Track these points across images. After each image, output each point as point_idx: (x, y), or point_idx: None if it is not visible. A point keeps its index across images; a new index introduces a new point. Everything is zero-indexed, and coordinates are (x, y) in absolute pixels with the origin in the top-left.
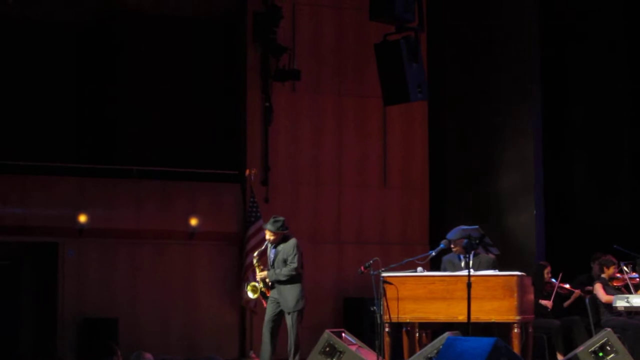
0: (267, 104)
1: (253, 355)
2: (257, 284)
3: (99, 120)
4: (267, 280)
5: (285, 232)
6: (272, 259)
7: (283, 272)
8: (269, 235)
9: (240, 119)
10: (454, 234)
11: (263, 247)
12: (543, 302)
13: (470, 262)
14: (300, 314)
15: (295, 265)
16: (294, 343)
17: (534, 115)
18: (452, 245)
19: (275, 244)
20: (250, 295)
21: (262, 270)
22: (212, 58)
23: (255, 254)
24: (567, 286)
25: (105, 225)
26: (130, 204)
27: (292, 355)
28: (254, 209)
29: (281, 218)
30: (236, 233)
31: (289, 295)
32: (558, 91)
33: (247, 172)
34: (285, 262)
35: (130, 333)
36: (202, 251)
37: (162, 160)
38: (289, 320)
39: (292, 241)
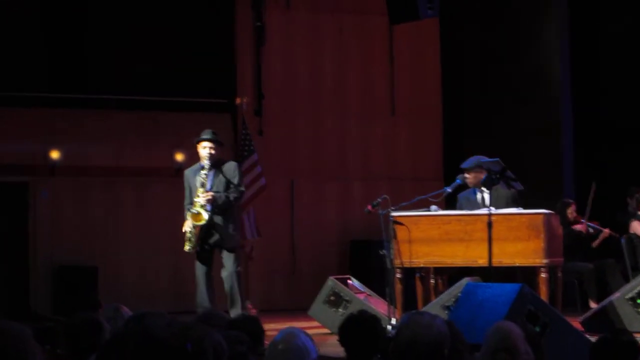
0: (259, 24)
1: (250, 306)
2: (198, 211)
3: (69, 44)
4: (214, 202)
5: None
6: (210, 183)
7: (233, 192)
8: (211, 150)
9: (228, 40)
10: (469, 162)
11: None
12: (577, 227)
13: (487, 196)
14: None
15: (243, 188)
16: (239, 289)
17: (560, 27)
18: (465, 175)
19: (212, 163)
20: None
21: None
22: None
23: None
24: (596, 224)
25: (80, 162)
26: (108, 138)
27: (236, 306)
28: (247, 142)
29: None
30: None
31: (230, 227)
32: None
33: (238, 100)
34: (228, 185)
35: (110, 283)
36: None
37: (142, 89)
38: (228, 261)
39: (233, 162)
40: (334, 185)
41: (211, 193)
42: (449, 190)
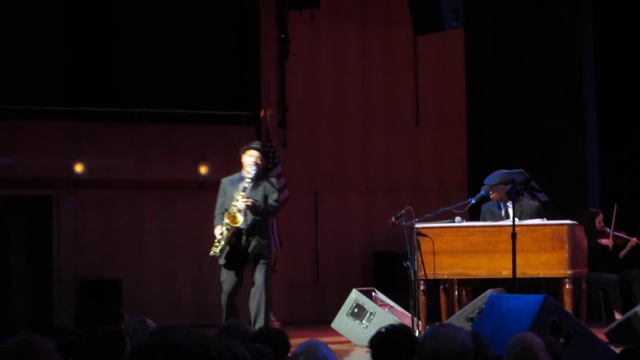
0: (283, 36)
1: (273, 319)
2: (235, 213)
3: (95, 58)
4: (252, 208)
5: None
6: (248, 193)
7: (270, 204)
8: (257, 160)
9: (253, 53)
10: (492, 178)
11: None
12: (603, 241)
13: (511, 210)
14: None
15: (279, 204)
16: (266, 303)
17: (586, 39)
18: (490, 192)
19: (255, 174)
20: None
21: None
22: None
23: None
24: (623, 234)
25: (104, 175)
26: (132, 152)
27: (260, 320)
28: (272, 154)
29: None
30: None
31: (265, 238)
32: (613, 23)
33: (262, 113)
34: (265, 200)
35: (134, 296)
36: (213, 202)
37: (167, 102)
38: (260, 273)
39: (273, 179)
40: (358, 196)
41: (251, 199)
42: (472, 201)
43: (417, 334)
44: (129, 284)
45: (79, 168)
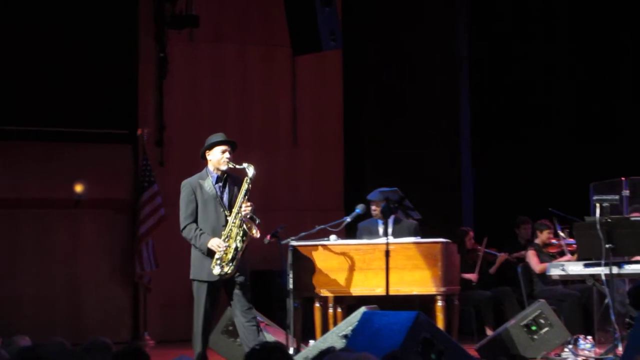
0: (162, 55)
1: (147, 337)
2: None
3: None
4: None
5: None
6: (228, 195)
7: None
8: (230, 154)
9: (131, 71)
10: (374, 195)
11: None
12: (467, 276)
13: (390, 229)
14: None
15: None
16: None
17: (459, 64)
18: (372, 207)
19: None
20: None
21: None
22: (100, 2)
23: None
24: (492, 252)
25: None
26: (8, 170)
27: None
28: (147, 173)
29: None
30: (127, 200)
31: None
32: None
33: (139, 131)
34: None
35: (8, 315)
36: (90, 221)
37: (44, 120)
38: (248, 293)
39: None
40: None
41: (252, 204)
42: (348, 219)
43: (291, 351)
44: (3, 303)
45: None
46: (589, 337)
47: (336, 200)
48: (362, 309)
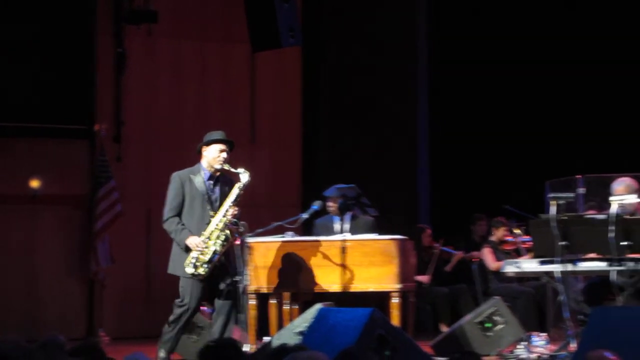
0: (120, 50)
1: (102, 334)
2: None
3: None
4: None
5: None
6: (218, 194)
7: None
8: (226, 154)
9: (89, 67)
10: (331, 191)
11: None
12: (419, 278)
13: (347, 225)
14: None
15: None
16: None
17: (418, 63)
18: (328, 204)
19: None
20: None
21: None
22: None
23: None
24: (449, 250)
25: None
26: None
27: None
28: (105, 169)
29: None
30: (84, 196)
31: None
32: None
33: (97, 127)
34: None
35: None
36: (46, 217)
37: (0, 115)
38: (234, 291)
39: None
40: None
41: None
42: (305, 216)
43: (247, 347)
44: None
45: None
46: (543, 334)
47: (293, 197)
48: (318, 306)
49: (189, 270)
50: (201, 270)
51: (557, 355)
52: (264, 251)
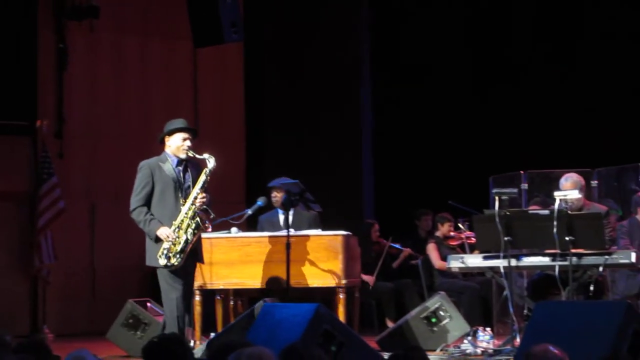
0: (61, 46)
1: (47, 331)
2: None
3: None
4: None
5: None
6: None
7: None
8: (190, 142)
9: (30, 62)
10: (276, 182)
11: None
12: (365, 277)
13: (290, 219)
14: None
15: None
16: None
17: (362, 59)
18: (272, 194)
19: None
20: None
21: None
22: None
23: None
24: (397, 246)
25: None
26: None
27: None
28: (47, 165)
29: None
30: (27, 192)
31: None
32: (388, 39)
33: (39, 123)
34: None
35: None
36: None
37: None
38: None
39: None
40: None
41: (207, 196)
42: (249, 212)
43: (192, 343)
44: None
45: None
46: (488, 329)
47: (238, 193)
48: (263, 302)
49: (162, 261)
50: (174, 261)
51: (502, 349)
52: (208, 247)
